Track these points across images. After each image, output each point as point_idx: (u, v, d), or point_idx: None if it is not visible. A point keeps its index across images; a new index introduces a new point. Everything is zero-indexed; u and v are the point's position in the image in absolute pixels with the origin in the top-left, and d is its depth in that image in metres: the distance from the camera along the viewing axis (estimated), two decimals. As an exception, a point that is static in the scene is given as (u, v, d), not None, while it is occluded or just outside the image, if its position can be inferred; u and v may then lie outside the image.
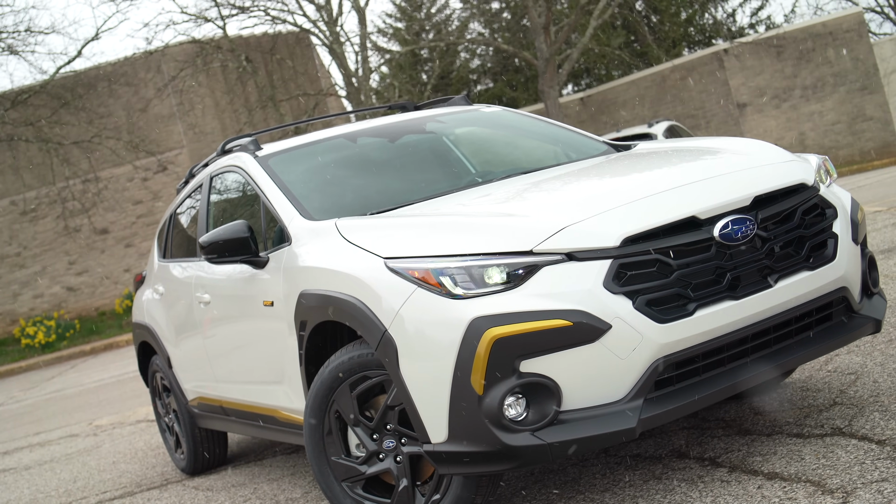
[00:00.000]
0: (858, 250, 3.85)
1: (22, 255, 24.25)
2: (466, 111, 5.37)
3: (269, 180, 4.62)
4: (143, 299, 6.49)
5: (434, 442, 3.40)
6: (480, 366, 3.21)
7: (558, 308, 3.19)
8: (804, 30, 23.32)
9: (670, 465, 3.90)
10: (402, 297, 3.42)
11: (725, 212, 3.42)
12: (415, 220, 3.77)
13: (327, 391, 3.83)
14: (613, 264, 3.24)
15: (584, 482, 3.97)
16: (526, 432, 3.22)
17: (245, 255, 4.40)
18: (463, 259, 3.34)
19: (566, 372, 3.21)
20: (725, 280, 3.36)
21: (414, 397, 3.41)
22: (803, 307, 3.53)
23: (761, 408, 4.41)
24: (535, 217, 3.42)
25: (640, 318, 3.20)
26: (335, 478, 3.86)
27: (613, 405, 3.23)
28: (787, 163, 3.82)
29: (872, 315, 3.78)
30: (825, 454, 3.57)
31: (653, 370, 3.22)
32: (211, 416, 5.64)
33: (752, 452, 3.80)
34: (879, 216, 10.52)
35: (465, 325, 3.24)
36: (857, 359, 4.82)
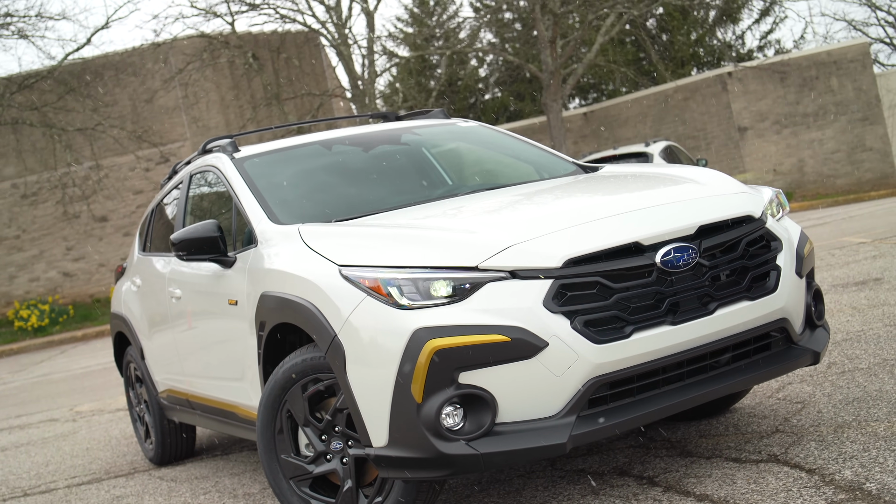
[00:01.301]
0: (803, 283, 3.96)
1: (21, 238, 24.40)
2: (443, 125, 5.49)
3: (241, 182, 4.74)
4: (122, 290, 6.61)
5: (375, 446, 3.51)
6: (421, 375, 3.32)
7: (498, 323, 3.30)
8: (809, 57, 23.42)
9: (610, 482, 4.00)
10: (352, 304, 3.54)
11: (669, 239, 3.53)
12: (372, 231, 3.89)
13: (280, 391, 3.94)
14: (554, 284, 3.35)
15: (526, 493, 4.08)
16: (461, 441, 3.33)
17: (213, 254, 4.52)
18: (412, 271, 3.46)
19: (503, 386, 3.32)
20: (664, 305, 3.46)
21: (358, 402, 3.52)
22: (742, 335, 3.64)
23: (707, 431, 4.51)
24: (483, 234, 3.53)
25: (576, 337, 3.31)
26: (284, 475, 3.97)
27: (547, 420, 3.34)
28: (736, 195, 3.93)
29: (812, 347, 3.89)
30: (756, 479, 3.68)
31: (587, 388, 3.32)
32: (179, 408, 5.76)
33: (688, 474, 3.90)
34: (862, 248, 10.62)
35: (409, 335, 3.35)
36: (807, 388, 4.92)
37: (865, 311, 6.70)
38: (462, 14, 35.60)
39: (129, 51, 23.18)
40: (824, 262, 9.93)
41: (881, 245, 10.54)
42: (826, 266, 9.62)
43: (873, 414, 4.23)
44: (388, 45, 27.88)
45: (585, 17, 22.10)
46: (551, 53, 22.09)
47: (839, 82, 23.07)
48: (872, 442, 3.85)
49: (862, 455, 3.72)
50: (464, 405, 3.36)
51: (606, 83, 32.98)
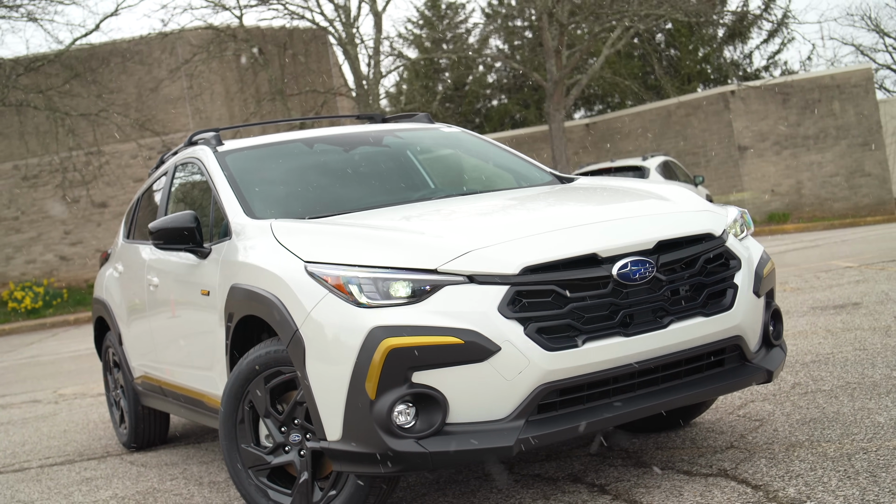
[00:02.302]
0: (761, 303, 4.03)
1: (19, 220, 24.50)
2: (427, 129, 5.56)
3: (221, 175, 4.82)
4: (105, 276, 6.70)
5: (330, 440, 3.59)
6: (375, 372, 3.40)
7: (453, 326, 3.38)
8: (812, 80, 23.50)
9: (562, 488, 4.07)
10: (314, 299, 3.62)
11: (627, 252, 3.60)
12: (340, 229, 3.96)
13: (244, 382, 4.02)
14: (510, 290, 3.42)
15: (480, 494, 4.15)
16: (411, 439, 3.40)
17: (189, 244, 4.60)
18: (373, 270, 3.53)
19: (455, 387, 3.40)
20: (618, 317, 3.54)
21: (315, 395, 3.60)
22: (695, 350, 3.71)
23: (664, 443, 4.58)
24: (445, 238, 3.61)
25: (529, 343, 3.38)
26: (243, 464, 4.04)
27: (496, 423, 3.41)
28: (698, 212, 4.01)
29: (765, 366, 3.96)
30: (703, 493, 3.75)
31: (536, 394, 3.40)
32: (152, 395, 5.83)
33: (639, 484, 3.97)
34: (848, 272, 10.69)
35: (365, 333, 3.43)
36: (768, 407, 4.99)
37: (838, 335, 6.77)
38: (473, 20, 35.72)
39: (136, 39, 23.28)
40: (808, 285, 10.00)
41: (867, 270, 10.61)
42: (809, 288, 9.69)
43: (826, 435, 4.30)
44: (397, 46, 28.04)
45: (592, 29, 22.18)
46: (556, 63, 22.18)
47: (841, 106, 23.14)
48: (820, 462, 3.92)
49: (808, 474, 3.79)
50: (416, 404, 3.43)
51: (612, 96, 33.07)
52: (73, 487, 5.50)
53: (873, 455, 3.91)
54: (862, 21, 36.85)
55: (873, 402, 4.77)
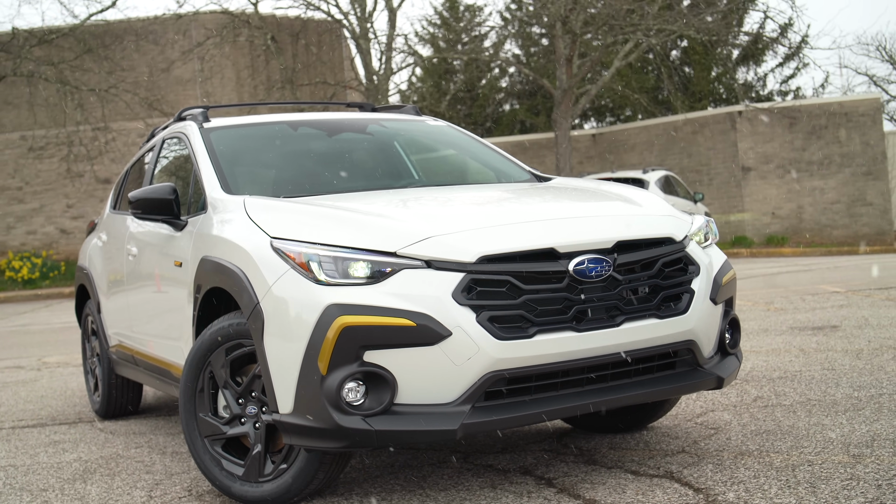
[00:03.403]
0: (718, 310, 4.09)
1: (23, 190, 24.62)
2: (412, 121, 5.64)
3: (203, 151, 4.89)
4: (89, 245, 6.78)
5: (281, 412, 3.66)
6: (328, 349, 3.47)
7: (406, 308, 3.45)
8: (820, 106, 23.54)
9: (511, 479, 4.14)
10: (276, 274, 3.69)
11: (585, 250, 3.67)
12: (309, 209, 4.04)
13: (206, 352, 4.09)
14: (466, 278, 3.49)
15: (431, 479, 4.21)
16: (358, 416, 3.47)
17: (167, 215, 4.68)
18: (335, 249, 3.61)
19: (405, 368, 3.47)
20: (571, 312, 3.60)
21: (270, 368, 3.67)
22: (646, 351, 3.77)
23: (619, 444, 4.64)
24: (407, 223, 3.69)
25: (480, 331, 3.45)
26: (199, 433, 4.11)
27: (442, 406, 3.48)
28: (662, 217, 4.07)
29: (717, 372, 4.01)
30: (645, 492, 3.81)
31: (484, 381, 3.46)
32: (126, 364, 5.91)
33: (585, 479, 4.04)
34: (834, 296, 10.74)
35: (321, 310, 3.50)
36: (726, 416, 5.05)
37: (811, 354, 6.83)
38: (490, 23, 35.75)
39: (151, 19, 23.40)
40: (793, 306, 10.06)
41: (853, 296, 10.66)
42: (793, 309, 9.75)
43: (776, 446, 4.36)
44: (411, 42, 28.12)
45: (606, 40, 22.25)
46: (567, 71, 22.25)
47: (847, 134, 23.18)
48: (765, 471, 3.98)
49: (750, 481, 3.85)
50: (366, 382, 3.50)
51: (623, 108, 33.13)
52: (40, 449, 5.57)
53: (817, 468, 3.97)
54: (877, 51, 36.82)
55: (829, 419, 4.82)
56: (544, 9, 22.06)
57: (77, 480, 4.74)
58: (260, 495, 3.94)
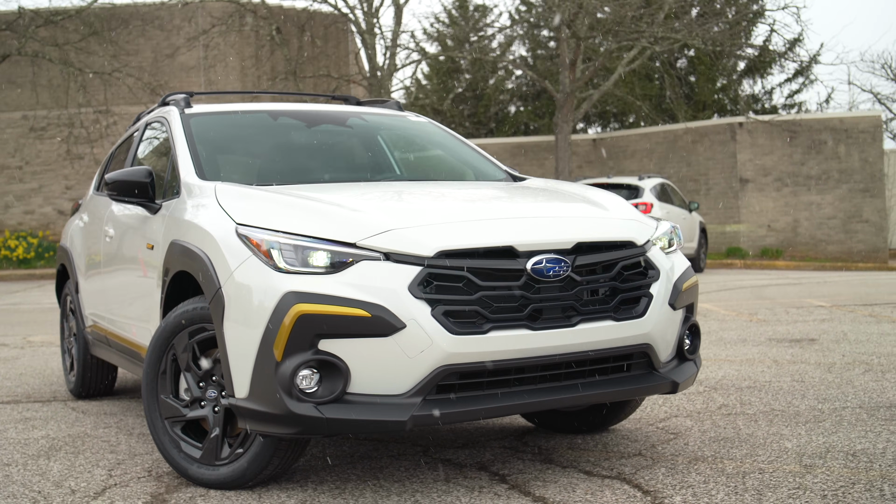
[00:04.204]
0: (677, 315, 4.13)
1: (23, 170, 24.67)
2: (393, 115, 5.68)
3: (182, 136, 4.94)
4: (71, 225, 6.82)
5: (237, 397, 3.70)
6: (284, 336, 3.51)
7: (362, 299, 3.49)
8: (821, 121, 23.57)
9: (465, 474, 4.18)
10: (239, 260, 3.73)
11: (544, 249, 3.70)
12: (277, 197, 4.08)
13: (170, 335, 4.13)
14: (422, 272, 3.53)
15: (387, 471, 4.26)
16: (310, 404, 3.51)
17: (142, 198, 4.72)
18: (296, 238, 3.65)
19: (358, 358, 3.51)
20: (527, 310, 3.64)
21: (228, 352, 3.71)
22: (601, 353, 3.81)
23: (577, 444, 4.68)
24: (369, 215, 3.73)
25: (434, 324, 3.49)
26: (160, 414, 4.16)
27: (394, 398, 3.52)
28: (625, 220, 4.11)
29: (672, 377, 4.06)
30: (594, 492, 3.85)
31: (436, 374, 3.50)
32: (100, 344, 5.95)
33: (538, 477, 4.08)
34: (818, 310, 10.78)
35: (279, 297, 3.54)
36: (688, 423, 5.09)
37: (783, 366, 6.87)
38: (499, 23, 35.74)
39: (157, 4, 23.44)
40: (775, 318, 10.10)
41: (836, 311, 10.70)
42: (775, 321, 9.79)
43: (731, 453, 4.40)
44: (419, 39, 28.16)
45: (610, 46, 22.28)
46: (570, 75, 22.28)
47: (847, 150, 23.20)
48: (716, 476, 4.02)
49: (700, 486, 3.89)
50: (320, 370, 3.54)
51: (627, 114, 33.14)
52: (10, 425, 5.62)
53: (767, 476, 4.01)
54: (882, 69, 36.81)
55: (789, 429, 4.86)
56: (550, 12, 22.09)
57: (41, 457, 4.78)
58: (216, 478, 3.99)
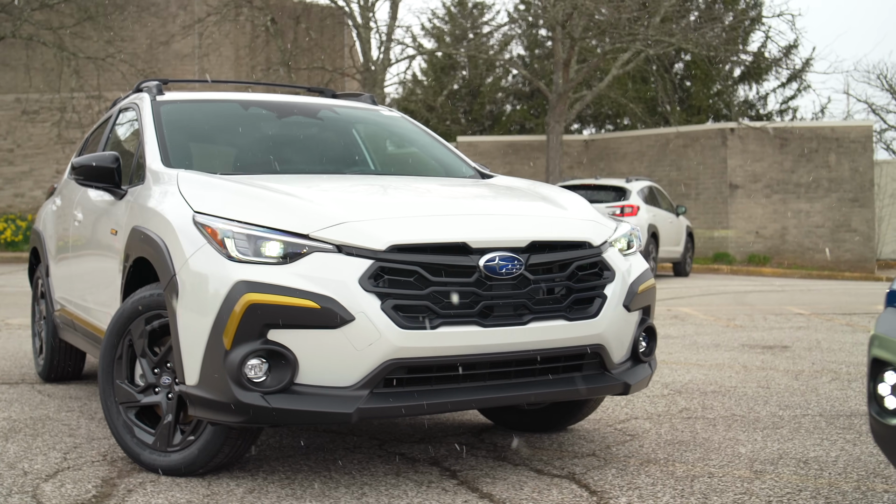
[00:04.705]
0: (633, 317, 4.15)
1: (14, 153, 24.63)
2: (366, 109, 5.69)
3: (151, 123, 4.94)
4: (45, 209, 6.83)
5: (188, 384, 3.72)
6: (233, 325, 3.52)
7: (312, 291, 3.50)
8: (812, 129, 23.61)
9: (417, 468, 4.19)
10: (194, 248, 3.75)
11: (498, 247, 3.72)
12: (236, 187, 4.09)
13: (127, 320, 4.14)
14: (374, 265, 3.55)
15: (340, 463, 4.27)
16: (258, 393, 3.53)
17: (107, 183, 4.73)
18: (250, 228, 3.67)
19: (307, 349, 3.52)
20: (478, 307, 3.65)
21: (180, 339, 3.72)
22: (552, 352, 3.82)
23: (533, 443, 4.70)
24: (324, 206, 3.74)
25: (383, 318, 3.50)
26: (115, 399, 4.17)
27: (341, 390, 3.54)
28: (583, 221, 4.13)
29: (624, 378, 4.07)
30: (542, 490, 3.86)
31: (383, 368, 3.52)
32: (67, 328, 5.96)
33: (488, 474, 4.09)
34: (796, 318, 10.81)
35: (230, 286, 3.56)
36: (647, 425, 5.11)
37: (752, 372, 6.89)
38: (497, 21, 35.74)
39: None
40: (752, 324, 10.13)
41: (814, 319, 10.73)
42: (752, 327, 9.82)
43: (684, 457, 4.42)
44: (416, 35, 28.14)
45: (604, 47, 22.29)
46: (563, 75, 22.29)
47: (837, 159, 23.24)
48: (664, 479, 4.03)
49: (647, 487, 3.91)
50: (269, 360, 3.55)
51: (622, 116, 33.17)
52: (-26, 406, 5.63)
53: (716, 480, 4.03)
54: (877, 80, 36.87)
55: (745, 434, 4.89)
56: (545, 11, 22.11)
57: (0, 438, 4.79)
58: (167, 464, 4.00)
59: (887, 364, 2.11)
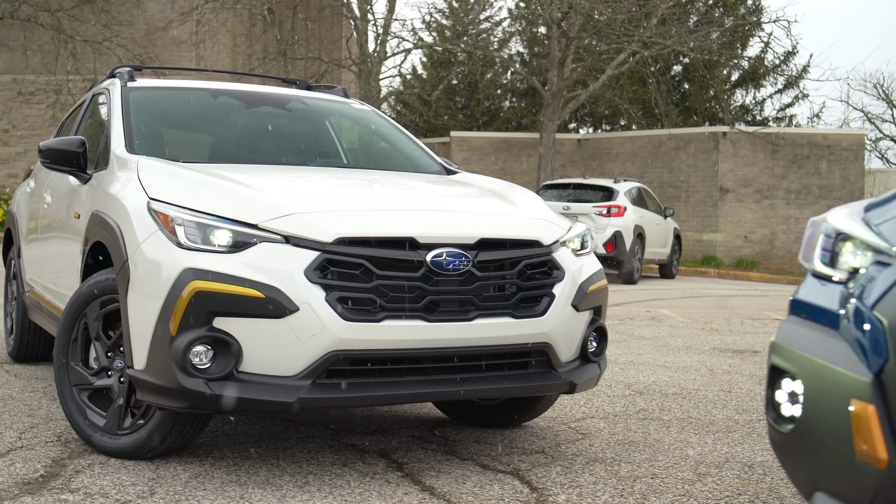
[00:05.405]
0: (582, 317, 4.19)
1: (9, 133, 24.65)
2: (337, 102, 5.73)
3: (119, 109, 4.99)
4: (20, 190, 6.87)
5: (136, 368, 3.76)
6: (179, 311, 3.57)
7: (258, 280, 3.55)
8: (804, 136, 23.67)
9: (365, 459, 4.24)
10: (146, 234, 3.79)
11: (446, 243, 3.76)
12: (193, 175, 4.13)
13: (83, 304, 4.19)
14: (320, 257, 3.59)
15: (290, 451, 4.32)
16: (201, 380, 3.57)
17: (73, 167, 4.78)
18: (200, 216, 3.71)
19: (251, 338, 3.57)
20: (423, 302, 3.70)
21: (130, 324, 3.77)
22: (498, 349, 3.87)
23: (485, 438, 4.75)
24: (274, 197, 3.79)
25: (327, 309, 3.55)
26: (69, 381, 4.22)
27: (284, 379, 3.58)
28: (534, 220, 4.17)
29: (571, 378, 4.12)
30: (484, 485, 3.91)
31: (326, 359, 3.56)
32: (36, 309, 6.00)
33: (434, 468, 4.14)
34: (773, 323, 10.87)
35: (178, 272, 3.60)
36: (601, 424, 5.16)
37: (717, 375, 6.94)
38: (498, 18, 35.73)
39: (153, -24, 23.41)
40: (728, 328, 10.19)
41: (791, 325, 10.77)
42: (727, 331, 9.88)
43: (632, 457, 4.46)
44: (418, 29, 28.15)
45: (600, 47, 22.32)
46: (558, 73, 22.33)
47: (828, 167, 23.30)
48: (607, 479, 4.08)
49: (588, 486, 3.95)
50: (214, 347, 3.60)
51: (619, 116, 33.21)
52: (-62, 383, 5.67)
53: (658, 481, 4.08)
54: (873, 89, 36.93)
55: (696, 437, 4.94)
56: (541, 9, 22.14)
57: (-42, 416, 4.83)
58: (117, 447, 4.05)
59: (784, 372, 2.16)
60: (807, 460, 2.10)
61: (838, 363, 1.96)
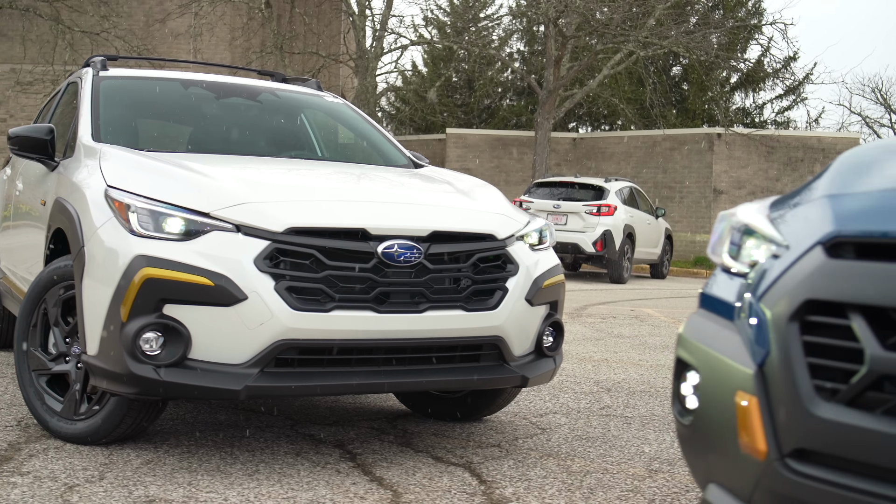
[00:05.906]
0: (537, 312, 4.22)
1: (7, 122, 24.67)
2: (309, 94, 5.76)
3: (88, 97, 5.02)
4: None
5: (89, 353, 3.80)
6: (130, 297, 3.60)
7: (208, 268, 3.58)
8: (798, 139, 23.68)
9: (319, 450, 4.27)
10: (102, 220, 3.83)
11: (398, 235, 3.79)
12: (152, 164, 4.17)
13: (42, 289, 4.22)
14: (270, 246, 3.62)
15: (244, 441, 4.34)
16: (150, 366, 3.60)
17: (41, 154, 4.81)
18: (153, 203, 3.74)
19: (200, 325, 3.60)
20: (373, 293, 3.73)
21: (84, 310, 3.80)
22: (449, 341, 3.90)
23: (443, 431, 4.77)
24: (227, 186, 3.82)
25: (276, 299, 3.58)
26: (28, 366, 4.25)
27: (232, 367, 3.62)
28: (490, 214, 4.20)
29: (523, 372, 4.14)
30: (433, 477, 3.93)
31: (274, 347, 3.60)
32: (8, 296, 6.04)
33: (387, 459, 4.17)
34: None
35: (130, 259, 3.64)
36: (563, 420, 5.19)
37: (688, 374, 6.96)
38: (497, 16, 35.74)
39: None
40: (709, 329, 10.19)
41: (773, 327, 10.79)
42: (707, 332, 9.88)
43: (587, 453, 4.49)
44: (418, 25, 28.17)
45: (596, 46, 22.34)
46: (554, 72, 22.34)
47: (822, 169, 23.30)
48: (557, 474, 4.10)
49: (536, 480, 3.98)
50: (164, 334, 3.63)
51: (616, 115, 33.23)
52: None
53: (608, 476, 4.11)
54: (872, 93, 36.94)
55: (655, 434, 4.96)
56: (538, 7, 22.15)
57: (-79, 400, 4.87)
58: (72, 432, 4.08)
59: (689, 365, 2.18)
60: (702, 452, 2.12)
61: (729, 355, 1.98)
